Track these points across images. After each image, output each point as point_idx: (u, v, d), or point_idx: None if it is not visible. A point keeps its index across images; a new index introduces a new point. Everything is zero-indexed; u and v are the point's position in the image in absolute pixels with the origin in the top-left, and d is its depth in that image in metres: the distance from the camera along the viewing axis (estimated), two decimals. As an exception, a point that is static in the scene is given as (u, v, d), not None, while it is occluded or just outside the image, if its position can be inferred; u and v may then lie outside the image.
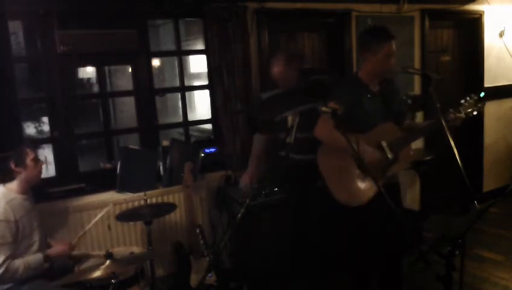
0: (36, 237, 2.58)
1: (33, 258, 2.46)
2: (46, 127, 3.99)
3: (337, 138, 2.20)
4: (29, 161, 2.54)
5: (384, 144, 2.58)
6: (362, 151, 2.52)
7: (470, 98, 2.58)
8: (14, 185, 2.54)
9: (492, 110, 5.22)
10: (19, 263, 2.39)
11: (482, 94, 2.60)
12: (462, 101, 2.57)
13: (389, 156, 2.55)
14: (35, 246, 2.54)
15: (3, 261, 2.34)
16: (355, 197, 2.61)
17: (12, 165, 2.51)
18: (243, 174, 3.37)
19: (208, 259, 2.92)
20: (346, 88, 2.74)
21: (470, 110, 2.56)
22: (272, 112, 3.29)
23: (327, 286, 3.32)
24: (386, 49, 2.59)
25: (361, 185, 2.61)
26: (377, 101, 2.70)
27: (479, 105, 2.58)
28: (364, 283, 2.95)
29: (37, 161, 2.59)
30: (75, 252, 2.72)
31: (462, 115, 2.52)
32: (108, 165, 3.44)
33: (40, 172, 2.64)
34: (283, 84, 3.18)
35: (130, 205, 3.14)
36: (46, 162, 3.12)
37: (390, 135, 2.63)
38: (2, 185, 2.54)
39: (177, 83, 3.76)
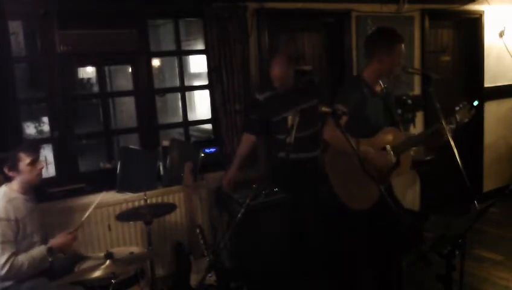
0: (37, 237, 2.59)
1: (36, 251, 2.47)
2: (46, 127, 3.99)
3: (343, 140, 2.18)
4: (23, 166, 2.50)
5: (388, 147, 2.58)
6: (364, 152, 2.50)
7: (463, 105, 2.57)
8: (14, 185, 2.55)
9: (493, 110, 5.22)
10: (22, 258, 2.40)
11: (476, 103, 2.59)
12: (457, 108, 2.56)
13: (393, 159, 2.54)
14: (36, 246, 2.53)
15: (8, 259, 2.35)
16: (362, 202, 2.60)
17: (6, 170, 2.51)
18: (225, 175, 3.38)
19: (207, 259, 2.92)
20: (351, 89, 2.71)
21: (466, 119, 2.56)
22: (269, 113, 3.32)
23: (327, 286, 3.31)
24: (400, 49, 2.61)
25: (367, 189, 2.58)
26: (380, 104, 2.70)
27: (472, 112, 2.58)
28: (361, 283, 2.95)
29: (34, 164, 2.54)
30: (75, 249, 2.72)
31: (453, 126, 2.49)
32: (108, 165, 3.44)
33: (39, 175, 2.60)
34: (281, 84, 3.25)
35: (130, 205, 3.14)
36: (46, 162, 3.10)
37: (394, 140, 2.61)
38: (4, 184, 2.55)
39: (177, 83, 3.76)
